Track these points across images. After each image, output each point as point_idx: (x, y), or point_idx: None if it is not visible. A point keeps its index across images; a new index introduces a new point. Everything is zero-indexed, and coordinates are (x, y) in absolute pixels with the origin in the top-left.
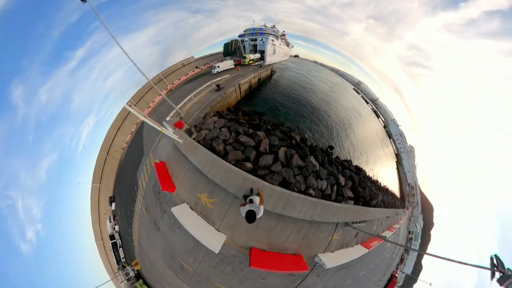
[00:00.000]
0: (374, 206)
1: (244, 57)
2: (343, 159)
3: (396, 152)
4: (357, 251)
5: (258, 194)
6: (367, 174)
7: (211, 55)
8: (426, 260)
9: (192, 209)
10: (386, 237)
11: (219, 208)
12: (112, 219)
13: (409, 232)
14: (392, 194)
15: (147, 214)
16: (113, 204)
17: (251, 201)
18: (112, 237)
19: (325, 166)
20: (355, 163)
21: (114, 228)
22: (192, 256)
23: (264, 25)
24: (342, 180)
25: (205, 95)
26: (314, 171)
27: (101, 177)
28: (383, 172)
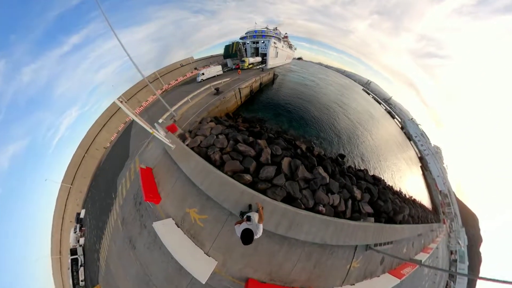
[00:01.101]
0: (401, 222)
1: (243, 61)
2: (357, 168)
3: (419, 156)
4: (385, 282)
5: (257, 211)
6: (387, 184)
7: (211, 56)
8: (481, 287)
9: (178, 226)
10: (421, 261)
11: (211, 226)
12: (77, 230)
13: (451, 252)
14: (422, 206)
15: (123, 228)
16: (82, 211)
17: (248, 219)
18: (73, 251)
19: (336, 178)
20: (371, 172)
21: (78, 241)
22: (172, 286)
23: (266, 27)
24: (357, 193)
25: (203, 98)
26: (324, 184)
27: (74, 177)
28: (407, 180)
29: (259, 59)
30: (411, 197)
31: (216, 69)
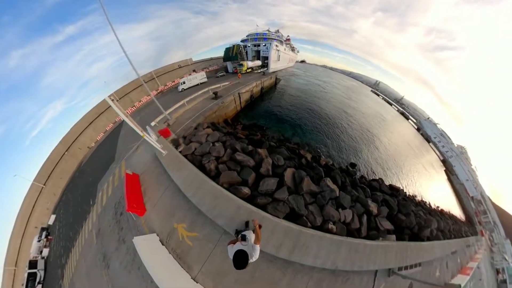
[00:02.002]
0: (429, 239)
1: (241, 65)
2: (371, 178)
3: (441, 158)
4: None
5: (254, 230)
6: (407, 194)
7: (211, 59)
8: None
9: (163, 244)
10: (460, 285)
11: (201, 246)
12: (42, 238)
13: (498, 271)
14: (452, 217)
15: (97, 241)
16: (52, 217)
17: (243, 238)
18: (33, 264)
19: (348, 190)
20: (387, 182)
21: (40, 252)
22: None
23: (268, 30)
24: (373, 206)
25: (200, 102)
26: (333, 198)
27: (49, 176)
28: (430, 188)
29: (258, 63)
30: (438, 207)
31: (200, 77)
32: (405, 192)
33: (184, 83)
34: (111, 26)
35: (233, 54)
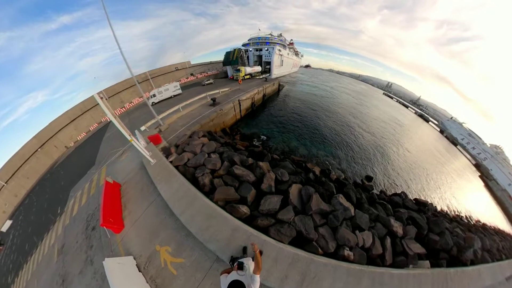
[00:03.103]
0: (473, 262)
1: (238, 70)
2: (392, 192)
3: (474, 162)
4: None
5: (254, 257)
6: (438, 208)
7: (210, 63)
8: None
9: (140, 270)
10: None
11: (187, 275)
12: None
13: None
14: (499, 232)
15: (59, 259)
16: (8, 223)
17: (240, 267)
18: None
19: (365, 208)
20: (412, 195)
21: None
22: None
23: (270, 34)
24: (397, 226)
25: (197, 109)
26: (348, 218)
27: (13, 174)
28: (465, 199)
29: (258, 68)
30: (478, 221)
31: (172, 88)
32: (435, 207)
33: (154, 96)
34: (108, 20)
35: (233, 58)
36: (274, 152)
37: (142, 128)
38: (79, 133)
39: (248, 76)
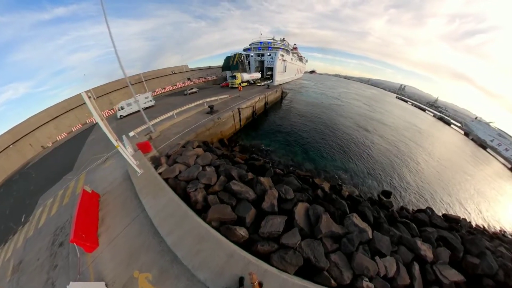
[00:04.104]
0: None
1: (234, 77)
2: (415, 209)
3: (510, 166)
4: None
5: None
6: (473, 224)
7: (209, 67)
8: None
9: None
10: None
11: None
12: None
13: None
14: None
15: (12, 277)
16: None
17: None
18: None
19: (384, 229)
20: (439, 211)
21: None
22: None
23: (273, 38)
24: (426, 249)
25: (193, 116)
26: (365, 242)
27: None
28: (505, 210)
29: (257, 75)
30: None
31: (143, 100)
32: (469, 222)
33: (122, 108)
34: (105, 16)
35: (233, 63)
36: (277, 166)
37: (131, 133)
38: (60, 133)
39: (245, 84)
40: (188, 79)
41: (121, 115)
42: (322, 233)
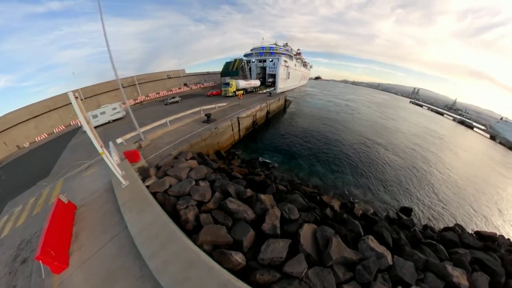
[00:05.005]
0: None
1: (227, 85)
2: (441, 227)
3: None
4: None
5: None
6: None
7: (208, 73)
8: None
9: None
10: None
11: None
12: None
13: None
14: None
15: None
16: None
17: None
18: None
19: (406, 253)
20: (470, 228)
21: None
22: None
23: (275, 43)
24: (458, 275)
25: (188, 125)
26: (384, 269)
27: None
28: None
29: (256, 83)
30: None
31: (110, 112)
32: (508, 239)
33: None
34: (100, 14)
35: (233, 69)
36: (280, 182)
37: (119, 140)
38: (40, 133)
39: (241, 92)
40: (185, 84)
41: (83, 130)
42: (332, 260)
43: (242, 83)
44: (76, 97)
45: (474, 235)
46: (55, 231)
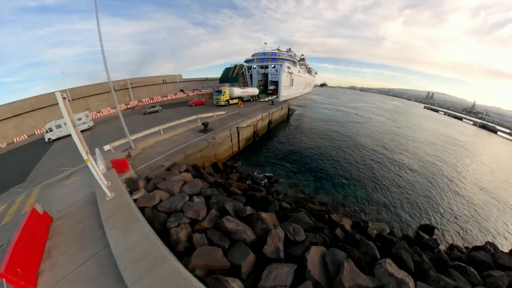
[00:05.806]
0: None
1: (220, 92)
2: (470, 246)
3: None
4: None
5: None
6: None
7: (206, 79)
8: None
9: None
10: None
11: None
12: None
13: None
14: None
15: None
16: None
17: None
18: None
19: (431, 278)
20: (505, 246)
21: None
22: None
23: (278, 49)
24: None
25: (183, 134)
26: None
27: None
28: None
29: (253, 90)
30: None
31: (78, 121)
32: None
33: (51, 130)
34: (96, 12)
35: (233, 75)
36: (284, 198)
37: (107, 147)
38: (20, 133)
39: (235, 101)
40: (181, 90)
41: (49, 138)
42: (345, 287)
43: (237, 91)
44: (64, 98)
45: (509, 253)
46: (25, 245)
